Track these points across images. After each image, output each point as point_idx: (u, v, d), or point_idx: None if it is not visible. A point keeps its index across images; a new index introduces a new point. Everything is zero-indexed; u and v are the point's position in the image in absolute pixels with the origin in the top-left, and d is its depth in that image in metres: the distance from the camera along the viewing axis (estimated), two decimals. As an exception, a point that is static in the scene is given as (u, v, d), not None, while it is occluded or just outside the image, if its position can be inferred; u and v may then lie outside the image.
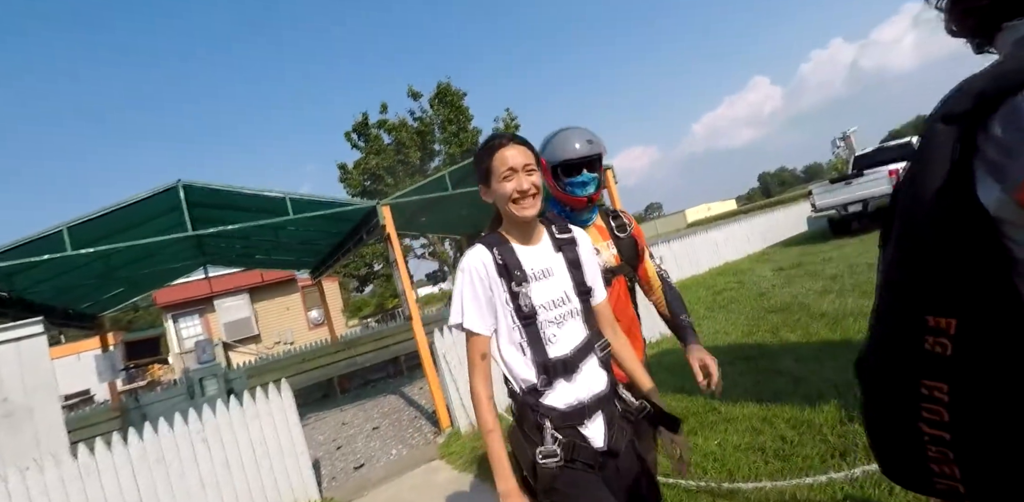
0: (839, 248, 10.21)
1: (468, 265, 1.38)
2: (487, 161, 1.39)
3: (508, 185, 1.36)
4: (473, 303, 1.36)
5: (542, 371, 1.35)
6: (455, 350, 5.22)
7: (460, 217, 9.66)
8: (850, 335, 4.68)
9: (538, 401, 1.35)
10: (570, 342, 1.38)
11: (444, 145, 21.80)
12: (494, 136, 1.43)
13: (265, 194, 5.55)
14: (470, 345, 1.38)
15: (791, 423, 3.19)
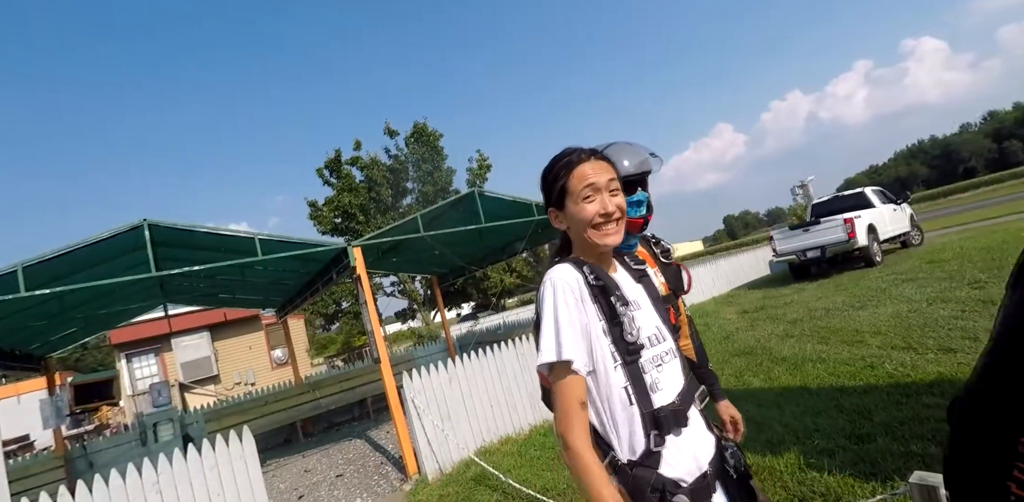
0: (799, 292, 10.59)
1: (560, 282, 1.10)
2: (563, 179, 1.17)
3: (590, 208, 1.14)
4: (571, 332, 1.05)
5: (652, 425, 1.06)
6: (424, 394, 5.17)
7: (432, 257, 9.72)
8: (808, 381, 4.83)
9: (658, 474, 1.04)
10: (673, 388, 1.13)
11: (418, 184, 22.05)
12: (570, 149, 1.21)
13: (235, 234, 5.53)
14: (565, 388, 1.03)
15: (752, 469, 3.26)
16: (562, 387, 1.04)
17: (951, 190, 60.00)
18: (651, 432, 1.05)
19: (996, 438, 0.63)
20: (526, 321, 12.21)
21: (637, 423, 1.06)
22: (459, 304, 27.59)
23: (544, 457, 4.62)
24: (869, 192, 13.23)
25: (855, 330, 6.17)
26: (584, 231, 1.16)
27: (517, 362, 5.97)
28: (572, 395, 1.03)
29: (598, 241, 1.15)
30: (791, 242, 12.61)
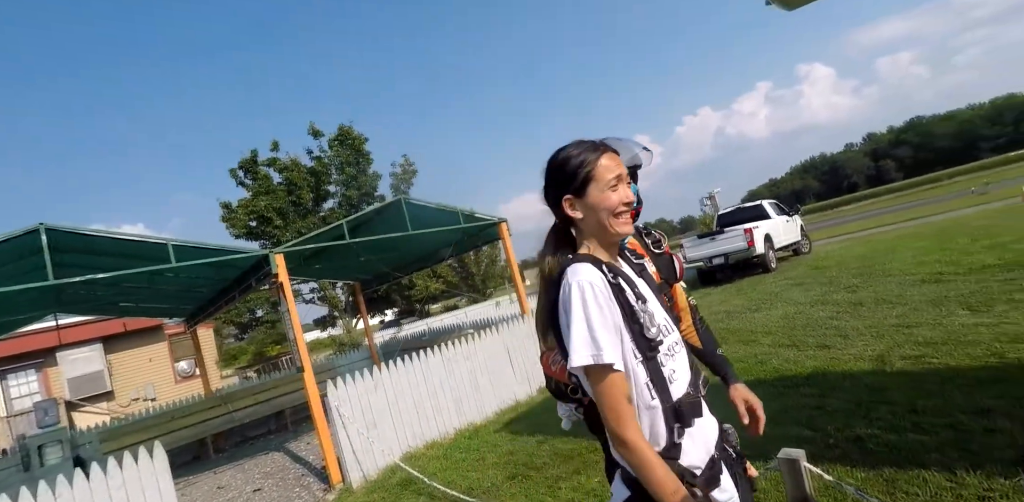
0: (706, 296, 11.44)
1: (587, 282, 1.09)
2: (591, 165, 1.19)
3: (615, 196, 1.18)
4: (606, 333, 1.06)
5: (674, 418, 1.11)
6: (349, 402, 5.15)
7: (356, 264, 9.59)
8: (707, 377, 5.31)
9: (682, 466, 1.09)
10: (685, 378, 1.18)
11: (341, 187, 21.47)
12: (586, 140, 1.26)
13: (145, 240, 5.24)
14: (612, 387, 1.06)
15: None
16: (607, 387, 1.06)
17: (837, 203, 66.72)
18: (674, 425, 1.10)
19: None
20: (451, 327, 12.27)
21: (659, 416, 1.10)
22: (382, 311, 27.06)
23: (469, 459, 4.77)
24: (766, 204, 14.55)
25: (750, 330, 6.82)
26: (606, 219, 1.19)
27: (443, 367, 6.07)
28: (620, 393, 1.06)
29: (618, 229, 1.19)
30: (700, 250, 13.60)
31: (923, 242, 10.72)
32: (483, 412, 6.16)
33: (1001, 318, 4.67)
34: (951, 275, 6.92)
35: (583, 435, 4.45)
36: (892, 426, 3.10)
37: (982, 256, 7.57)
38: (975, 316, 4.94)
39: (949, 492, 2.36)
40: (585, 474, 3.68)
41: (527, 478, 3.94)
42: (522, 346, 6.97)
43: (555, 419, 5.37)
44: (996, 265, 6.77)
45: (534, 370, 6.97)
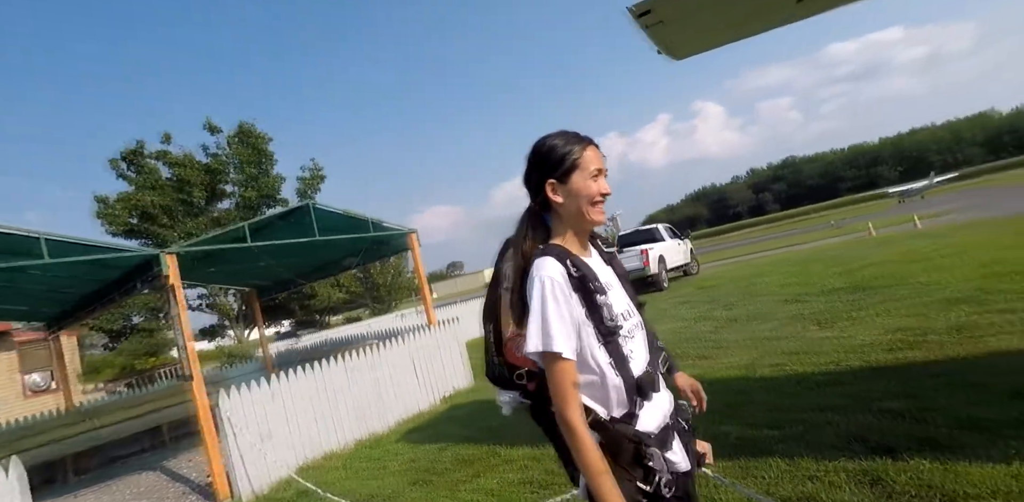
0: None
1: (547, 277, 1.21)
2: (577, 154, 1.29)
3: (595, 186, 1.29)
4: (560, 323, 1.18)
5: (635, 392, 1.24)
6: (243, 411, 4.92)
7: (255, 269, 9.11)
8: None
9: (636, 429, 1.23)
10: (643, 357, 1.31)
11: (239, 187, 20.19)
12: (573, 132, 1.34)
13: (11, 233, 4.72)
14: (560, 373, 1.18)
15: (555, 458, 3.83)
16: (556, 373, 1.18)
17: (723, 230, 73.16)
18: (635, 398, 1.24)
19: None
20: (354, 338, 11.96)
21: (623, 391, 1.23)
22: (279, 321, 25.55)
23: (370, 468, 4.73)
24: (661, 228, 15.76)
25: (642, 343, 7.37)
26: (584, 206, 1.29)
27: (345, 377, 5.97)
28: (568, 379, 1.18)
29: (594, 217, 1.30)
30: (601, 268, 14.36)
31: (789, 267, 12.16)
32: (385, 422, 6.12)
33: (842, 332, 5.49)
34: (808, 296, 7.96)
35: (484, 441, 4.62)
36: (751, 423, 3.57)
37: (833, 280, 8.78)
38: (823, 330, 5.76)
39: (788, 474, 2.79)
40: (485, 477, 3.83)
41: (428, 483, 4.01)
42: (428, 357, 7.01)
43: (458, 427, 5.52)
44: (843, 288, 7.90)
45: (439, 380, 7.03)
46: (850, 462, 2.76)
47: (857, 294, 7.25)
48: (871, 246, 13.01)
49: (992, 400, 3.10)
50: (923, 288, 6.65)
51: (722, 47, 3.99)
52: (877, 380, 3.88)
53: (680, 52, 3.55)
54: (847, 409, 3.46)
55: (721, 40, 3.89)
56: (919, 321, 5.23)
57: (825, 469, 2.73)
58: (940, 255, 8.87)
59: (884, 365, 4.20)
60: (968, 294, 5.79)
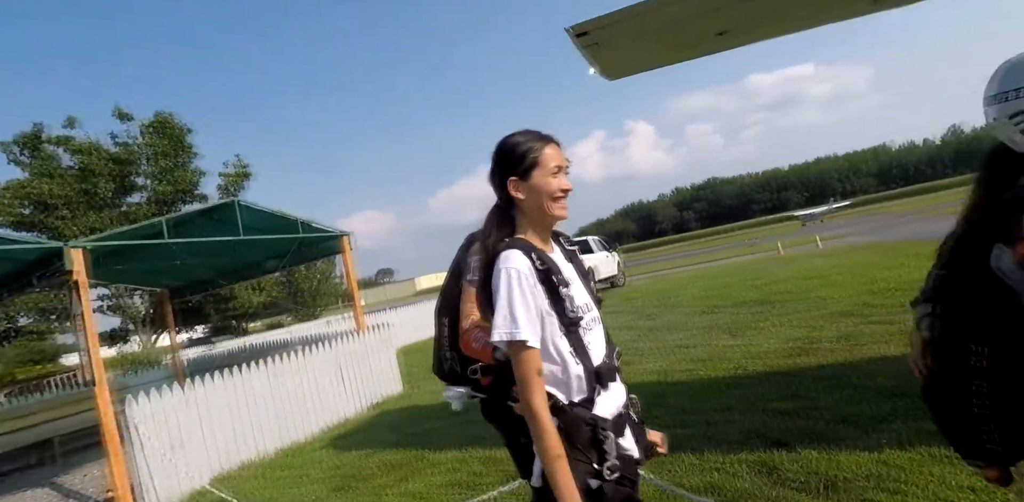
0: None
1: (514, 269, 1.25)
2: (537, 152, 1.33)
3: (555, 182, 1.32)
4: (525, 312, 1.22)
5: (595, 379, 1.30)
6: (152, 419, 4.64)
7: (171, 268, 8.58)
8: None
9: (594, 414, 1.28)
10: (601, 349, 1.36)
11: (152, 180, 18.83)
12: (535, 131, 1.39)
13: None
14: (525, 361, 1.22)
15: (481, 460, 3.94)
16: (521, 361, 1.22)
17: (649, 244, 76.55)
18: (595, 385, 1.29)
19: (958, 387, 1.09)
20: (276, 344, 11.48)
21: (584, 378, 1.29)
22: (191, 326, 23.93)
23: (291, 476, 4.60)
24: (592, 240, 16.34)
25: (569, 350, 7.63)
26: (545, 202, 1.32)
27: (268, 383, 5.76)
28: (532, 366, 1.22)
29: (555, 213, 1.33)
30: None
31: (706, 281, 12.98)
32: (309, 430, 5.95)
33: (748, 341, 5.99)
34: (721, 308, 8.57)
35: (412, 446, 4.64)
36: (664, 423, 3.84)
37: (744, 294, 9.49)
38: (732, 339, 6.25)
39: (695, 467, 3.06)
40: (412, 480, 3.85)
41: (352, 489, 3.97)
42: (356, 363, 6.90)
43: (386, 432, 5.49)
44: (752, 301, 8.56)
45: (367, 386, 6.93)
46: (750, 454, 3.06)
47: (763, 307, 7.90)
48: (779, 264, 14.15)
49: (867, 399, 3.53)
50: (818, 302, 7.36)
51: (654, 70, 4.33)
52: (774, 383, 4.29)
53: (613, 73, 3.83)
54: (748, 409, 3.81)
55: (651, 65, 4.22)
56: (812, 331, 5.81)
57: (728, 461, 3.01)
58: (835, 273, 9.82)
59: (781, 370, 4.63)
60: (854, 308, 6.48)
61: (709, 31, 3.40)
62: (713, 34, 3.47)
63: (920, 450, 2.71)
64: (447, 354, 1.76)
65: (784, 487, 2.67)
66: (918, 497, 2.35)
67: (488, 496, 3.15)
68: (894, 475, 2.55)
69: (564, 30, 3.06)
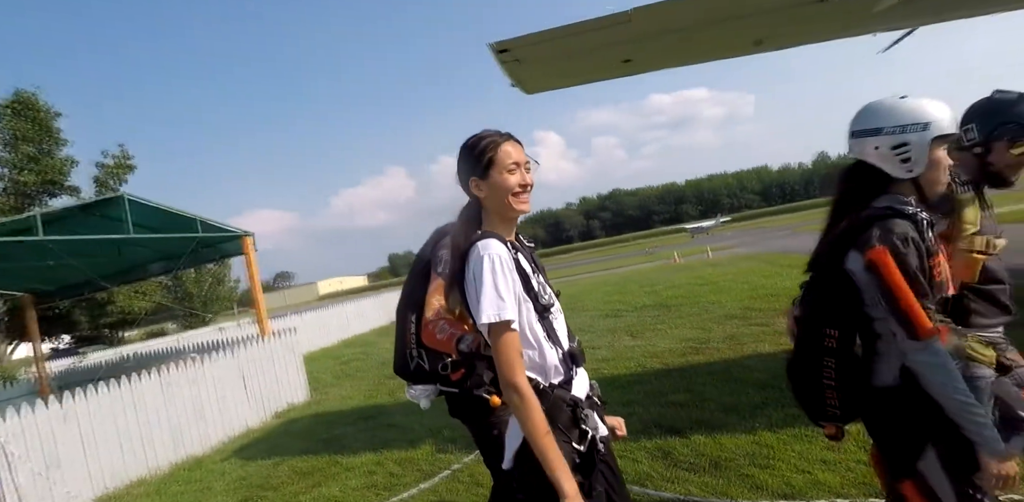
0: (446, 324, 12.39)
1: (496, 255, 1.29)
2: (491, 152, 1.36)
3: (512, 178, 1.35)
4: (509, 296, 1.26)
5: (570, 361, 1.37)
6: (24, 436, 4.17)
7: (41, 269, 7.66)
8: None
9: (573, 394, 1.34)
10: (566, 335, 1.42)
11: (10, 169, 16.55)
12: (491, 131, 1.42)
13: None
14: (509, 342, 1.25)
15: (397, 462, 3.98)
16: (505, 341, 1.25)
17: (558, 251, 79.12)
18: (570, 365, 1.37)
19: (813, 362, 1.39)
20: (168, 352, 10.56)
21: (557, 361, 1.35)
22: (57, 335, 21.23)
23: (191, 491, 4.34)
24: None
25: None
26: (505, 198, 1.36)
27: (161, 394, 5.36)
28: (514, 347, 1.26)
29: (517, 207, 1.37)
30: (444, 282, 14.65)
31: (609, 287, 13.75)
32: (207, 442, 5.60)
33: (647, 341, 6.50)
34: (623, 311, 9.16)
35: (323, 452, 4.56)
36: (575, 418, 4.11)
37: (644, 299, 10.20)
38: (634, 340, 6.74)
39: (603, 456, 3.33)
40: (326, 485, 3.80)
41: (262, 499, 3.85)
42: (260, 370, 6.59)
43: (294, 440, 5.35)
44: (651, 305, 9.24)
45: (271, 395, 6.64)
46: (648, 442, 3.39)
47: (661, 310, 8.56)
48: (675, 271, 15.31)
49: (746, 390, 4.02)
50: (708, 306, 8.12)
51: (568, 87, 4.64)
52: (670, 379, 4.73)
53: (531, 88, 4.08)
54: (647, 402, 4.18)
55: (565, 83, 4.54)
56: (703, 332, 6.42)
57: (629, 448, 3.30)
58: (722, 280, 10.84)
59: (676, 367, 5.11)
60: (738, 311, 7.24)
61: (616, 58, 3.75)
62: (620, 61, 3.83)
63: (787, 431, 3.17)
64: (414, 352, 1.75)
65: (677, 468, 3.00)
66: (784, 470, 2.76)
67: (407, 495, 3.21)
68: (766, 453, 2.97)
69: (487, 45, 3.25)
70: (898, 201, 1.40)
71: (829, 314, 1.39)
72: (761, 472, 2.77)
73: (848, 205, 1.46)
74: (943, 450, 1.32)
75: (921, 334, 1.26)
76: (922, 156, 1.37)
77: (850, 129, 1.48)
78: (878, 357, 1.37)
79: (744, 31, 3.66)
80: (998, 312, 1.64)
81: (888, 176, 1.42)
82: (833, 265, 1.40)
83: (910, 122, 1.37)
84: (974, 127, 1.70)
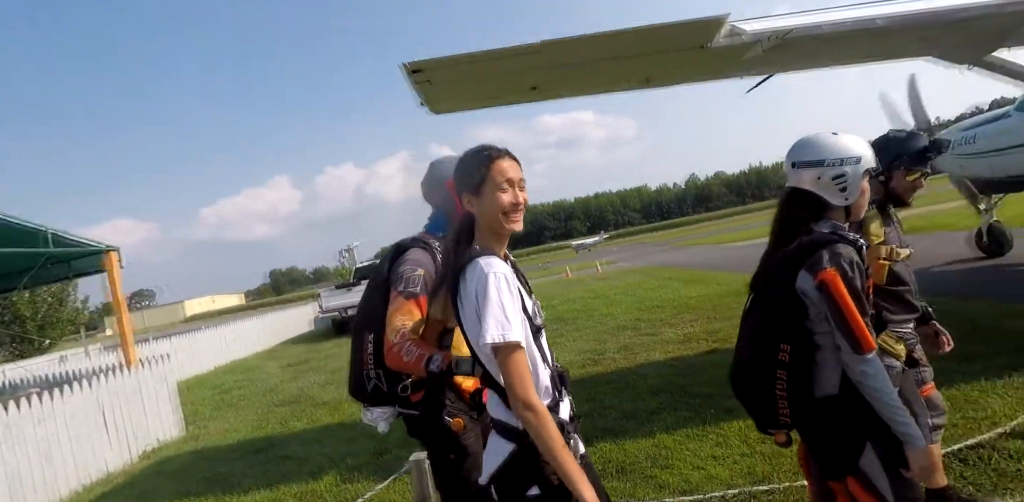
0: (340, 345, 11.83)
1: (501, 273, 1.27)
2: (485, 169, 1.34)
3: (504, 197, 1.33)
4: (515, 315, 1.25)
5: (560, 383, 1.35)
6: None
7: None
8: (344, 418, 5.64)
9: (560, 417, 1.31)
10: (551, 356, 1.40)
11: None
12: (487, 146, 1.39)
13: None
14: (519, 361, 1.23)
15: (297, 496, 3.72)
16: (515, 361, 1.23)
17: (451, 267, 79.01)
18: (560, 387, 1.35)
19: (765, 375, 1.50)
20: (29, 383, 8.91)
21: (547, 383, 1.33)
22: None
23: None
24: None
25: (382, 374, 7.54)
26: (496, 216, 1.34)
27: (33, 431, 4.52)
28: (524, 366, 1.24)
29: (508, 226, 1.35)
30: (336, 300, 14.05)
31: (508, 301, 13.97)
32: (55, 492, 4.80)
33: (549, 355, 6.71)
34: (523, 326, 9.37)
35: (205, 493, 4.19)
36: (484, 435, 4.13)
37: (541, 313, 10.51)
38: (535, 354, 6.92)
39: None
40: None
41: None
42: (123, 404, 5.81)
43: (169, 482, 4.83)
44: (550, 319, 9.27)
45: (137, 431, 5.87)
46: (557, 454, 3.50)
47: (559, 324, 8.89)
48: (568, 286, 15.97)
49: (642, 396, 4.32)
50: (602, 319, 8.59)
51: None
52: (573, 390, 4.89)
53: (439, 108, 4.14)
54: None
55: (474, 106, 4.66)
56: (599, 344, 6.78)
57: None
58: (613, 293, 11.53)
59: (577, 378, 5.32)
60: (629, 323, 7.75)
61: (525, 85, 3.94)
62: (528, 88, 4.02)
63: (681, 432, 3.46)
64: (371, 373, 1.68)
65: (586, 477, 3.14)
66: (682, 468, 3.00)
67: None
68: (665, 454, 3.22)
69: (399, 65, 3.26)
70: (839, 227, 1.58)
71: (781, 329, 1.51)
72: (662, 472, 2.99)
73: (791, 229, 1.61)
74: (880, 448, 1.48)
75: (865, 349, 1.41)
76: (856, 186, 1.57)
77: (790, 160, 1.64)
78: (817, 367, 1.51)
79: (636, 69, 4.03)
80: (905, 310, 2.00)
81: (823, 203, 1.59)
82: (785, 284, 1.53)
83: (847, 156, 1.55)
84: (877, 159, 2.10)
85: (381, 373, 1.66)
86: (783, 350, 1.49)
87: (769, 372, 1.51)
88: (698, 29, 3.20)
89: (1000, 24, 3.63)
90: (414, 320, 1.60)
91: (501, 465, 1.30)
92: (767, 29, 3.27)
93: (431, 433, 1.70)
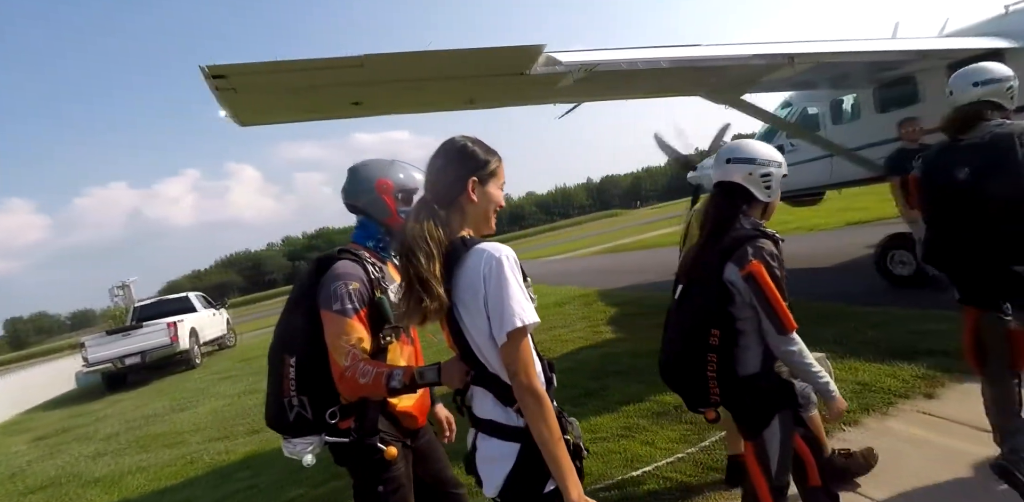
0: (115, 404, 9.73)
1: (510, 257, 1.26)
2: (497, 164, 1.38)
3: (500, 195, 1.39)
4: (525, 298, 1.24)
5: (550, 370, 1.37)
6: None
7: None
8: (128, 494, 4.59)
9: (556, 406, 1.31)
10: None
11: None
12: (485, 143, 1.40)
13: None
14: (527, 346, 1.24)
15: None
16: (524, 345, 1.23)
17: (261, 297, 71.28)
18: (551, 375, 1.37)
19: (690, 358, 1.70)
20: None
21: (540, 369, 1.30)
22: None
23: None
24: (192, 297, 14.06)
25: (177, 432, 6.36)
26: (486, 211, 1.37)
27: None
28: (530, 350, 1.26)
29: (490, 224, 1.40)
30: (108, 348, 11.48)
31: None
32: None
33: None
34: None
35: None
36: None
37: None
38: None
39: None
40: None
41: None
42: None
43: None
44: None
45: None
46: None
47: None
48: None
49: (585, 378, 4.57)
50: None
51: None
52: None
53: (247, 120, 3.67)
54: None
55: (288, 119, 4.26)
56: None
57: None
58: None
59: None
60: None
61: (346, 100, 3.71)
62: (350, 103, 3.79)
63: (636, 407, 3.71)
64: (294, 400, 1.54)
65: None
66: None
67: None
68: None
69: (199, 67, 2.80)
70: (759, 224, 1.78)
71: (712, 316, 1.68)
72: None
73: (722, 226, 1.79)
74: (786, 418, 1.72)
75: (788, 329, 1.63)
76: (777, 186, 1.80)
77: (725, 157, 1.84)
78: (740, 350, 1.70)
79: (459, 90, 4.10)
80: None
81: (748, 195, 1.79)
82: (714, 276, 1.70)
83: (774, 160, 1.79)
84: None
85: (305, 400, 1.54)
86: (714, 335, 1.67)
87: (699, 355, 1.69)
88: (518, 56, 3.37)
89: (743, 74, 4.52)
90: (360, 338, 1.51)
91: (512, 471, 1.25)
92: (578, 61, 3.58)
93: (361, 461, 1.60)
